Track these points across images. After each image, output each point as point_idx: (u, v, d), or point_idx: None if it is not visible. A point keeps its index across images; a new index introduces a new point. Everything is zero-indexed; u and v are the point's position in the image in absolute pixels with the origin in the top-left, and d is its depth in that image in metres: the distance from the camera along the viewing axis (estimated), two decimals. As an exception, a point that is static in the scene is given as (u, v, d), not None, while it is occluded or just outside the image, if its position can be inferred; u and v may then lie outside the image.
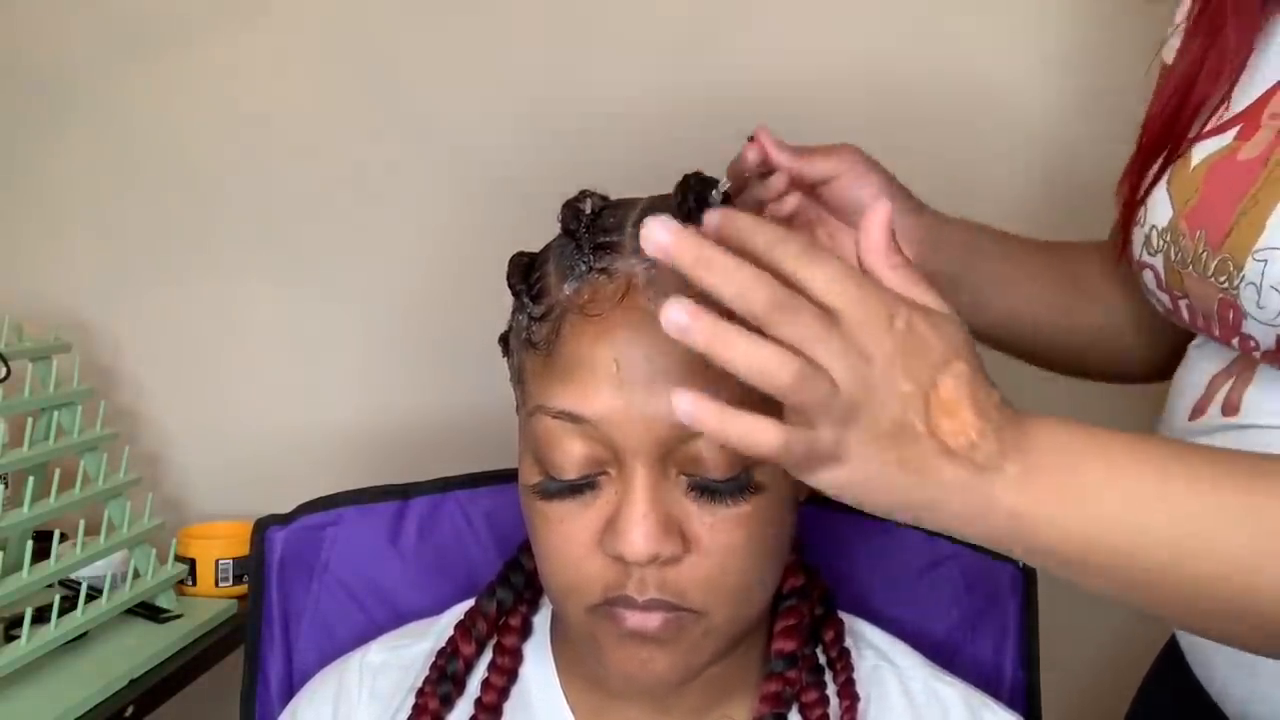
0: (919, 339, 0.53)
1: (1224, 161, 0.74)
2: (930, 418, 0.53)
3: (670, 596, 0.65)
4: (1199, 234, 0.73)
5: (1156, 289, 0.80)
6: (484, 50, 1.42)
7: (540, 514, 0.68)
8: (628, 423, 0.64)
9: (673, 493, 0.65)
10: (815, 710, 0.74)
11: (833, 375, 0.51)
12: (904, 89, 1.34)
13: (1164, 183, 0.78)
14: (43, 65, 1.51)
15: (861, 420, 0.52)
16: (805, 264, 0.52)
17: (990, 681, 0.88)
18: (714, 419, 0.50)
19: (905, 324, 0.53)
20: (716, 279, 0.50)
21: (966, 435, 0.53)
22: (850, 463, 0.52)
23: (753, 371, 0.50)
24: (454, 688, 0.77)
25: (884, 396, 0.52)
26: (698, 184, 0.71)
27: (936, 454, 0.53)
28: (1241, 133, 0.74)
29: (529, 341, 0.68)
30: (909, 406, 0.52)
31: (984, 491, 0.53)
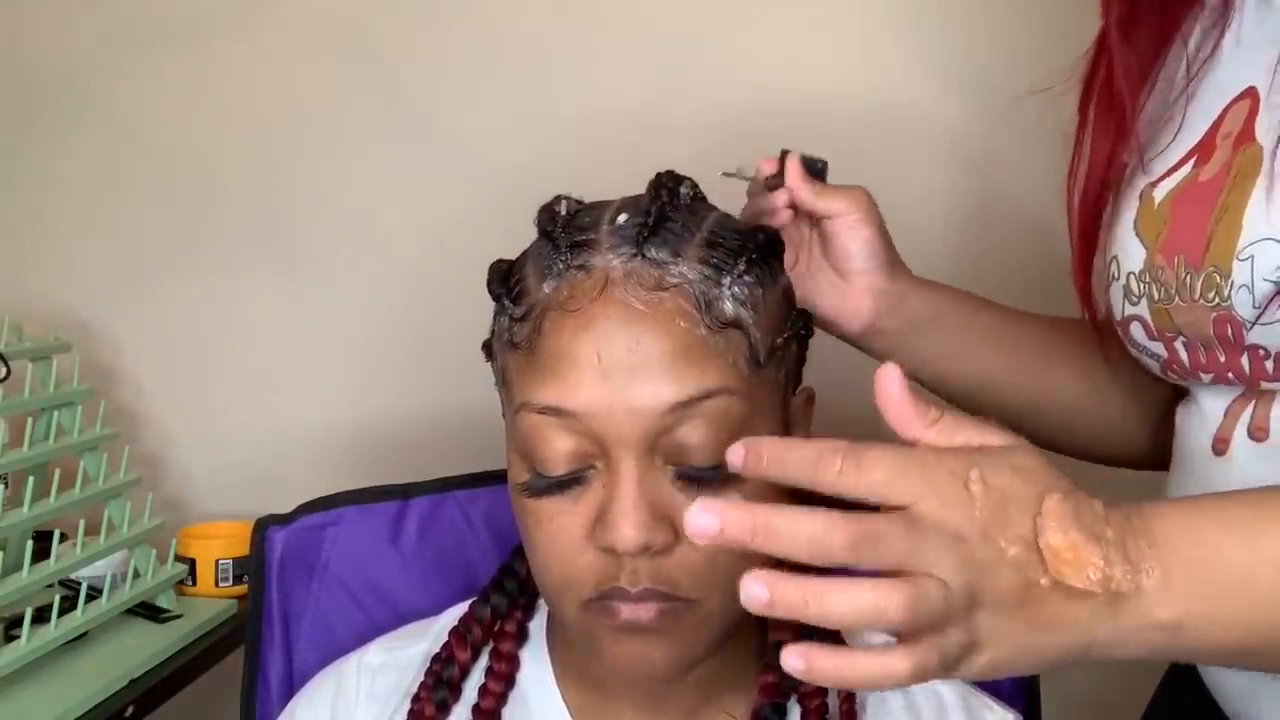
0: (1001, 491, 0.50)
1: (1187, 188, 0.73)
2: (1052, 569, 0.50)
3: (663, 586, 0.66)
4: (1177, 259, 0.72)
5: (1148, 340, 0.77)
6: (484, 51, 1.42)
7: (530, 512, 0.68)
8: (612, 414, 0.64)
9: (660, 482, 0.66)
10: (814, 700, 0.74)
11: (939, 576, 0.48)
12: (899, 90, 1.34)
13: (1129, 228, 0.77)
14: (43, 66, 1.51)
15: (983, 601, 0.49)
16: (855, 473, 0.49)
17: (990, 681, 0.88)
18: (834, 670, 0.47)
19: (980, 484, 0.50)
20: (784, 543, 0.48)
21: (1094, 567, 0.50)
22: (989, 647, 0.50)
23: (861, 619, 0.47)
24: (450, 694, 0.77)
25: (995, 568, 0.49)
26: (669, 180, 0.72)
27: (1069, 598, 0.50)
28: (1198, 160, 0.74)
29: (511, 342, 0.69)
30: (1024, 566, 0.49)
31: (1131, 616, 0.51)
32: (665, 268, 0.66)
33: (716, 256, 0.68)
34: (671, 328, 0.65)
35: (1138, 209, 0.77)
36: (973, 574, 0.49)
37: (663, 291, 0.66)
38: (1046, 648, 0.51)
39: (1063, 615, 0.50)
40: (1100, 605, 0.50)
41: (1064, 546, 0.50)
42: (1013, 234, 1.33)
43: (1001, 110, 1.32)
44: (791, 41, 1.36)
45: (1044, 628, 0.50)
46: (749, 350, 0.67)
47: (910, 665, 0.48)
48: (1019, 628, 0.50)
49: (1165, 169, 0.76)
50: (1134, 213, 0.77)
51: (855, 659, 0.48)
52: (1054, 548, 0.50)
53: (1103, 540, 0.50)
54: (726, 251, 0.69)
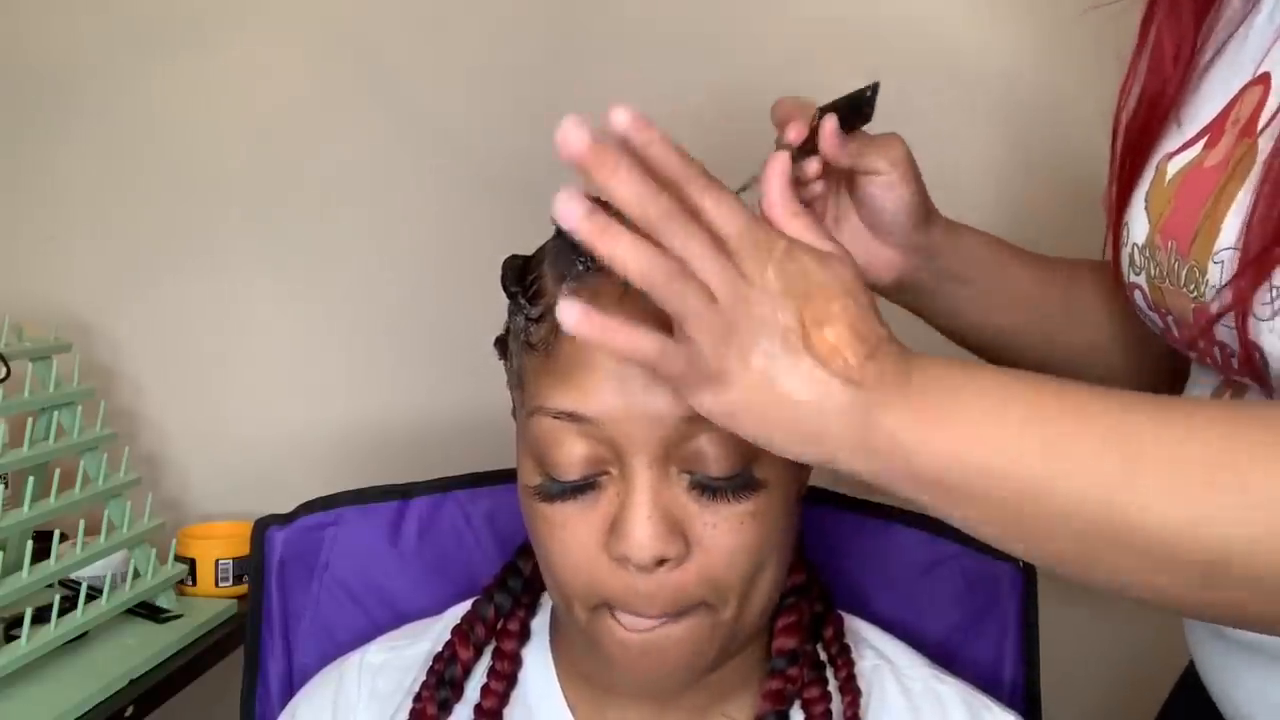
0: (801, 267, 0.55)
1: (1194, 171, 0.73)
2: (808, 336, 0.54)
3: (676, 596, 0.65)
4: (1170, 245, 0.73)
5: (1147, 309, 0.78)
6: (484, 50, 1.42)
7: (542, 517, 0.68)
8: (629, 421, 0.64)
9: (674, 492, 0.65)
10: (818, 706, 0.74)
11: (711, 289, 0.53)
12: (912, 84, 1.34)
13: (1140, 199, 0.77)
14: (43, 66, 1.51)
15: (739, 338, 0.53)
16: (703, 192, 0.54)
17: (990, 682, 0.88)
18: (596, 328, 0.52)
19: (784, 253, 0.55)
20: (616, 183, 0.52)
21: (843, 355, 0.54)
22: (731, 384, 0.54)
23: (632, 266, 0.52)
24: (452, 693, 0.77)
25: (761, 314, 0.54)
26: None
27: (814, 373, 0.54)
28: (1208, 142, 0.73)
29: (527, 343, 0.68)
30: (786, 326, 0.54)
31: (863, 413, 0.54)
32: None
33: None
34: None
35: (1151, 180, 0.77)
36: (739, 307, 0.53)
37: None
38: (780, 413, 0.55)
39: (804, 382, 0.54)
40: (838, 391, 0.54)
41: (828, 323, 0.55)
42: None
43: (989, 85, 1.32)
44: (792, 41, 1.36)
45: (783, 389, 0.54)
46: None
47: (657, 345, 0.53)
48: (760, 379, 0.54)
49: (1182, 142, 0.75)
50: (1148, 183, 0.77)
51: (617, 326, 0.52)
52: (819, 322, 0.54)
53: (865, 341, 0.55)
54: None
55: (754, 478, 0.66)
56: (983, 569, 0.91)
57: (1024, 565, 0.90)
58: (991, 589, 0.91)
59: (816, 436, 0.55)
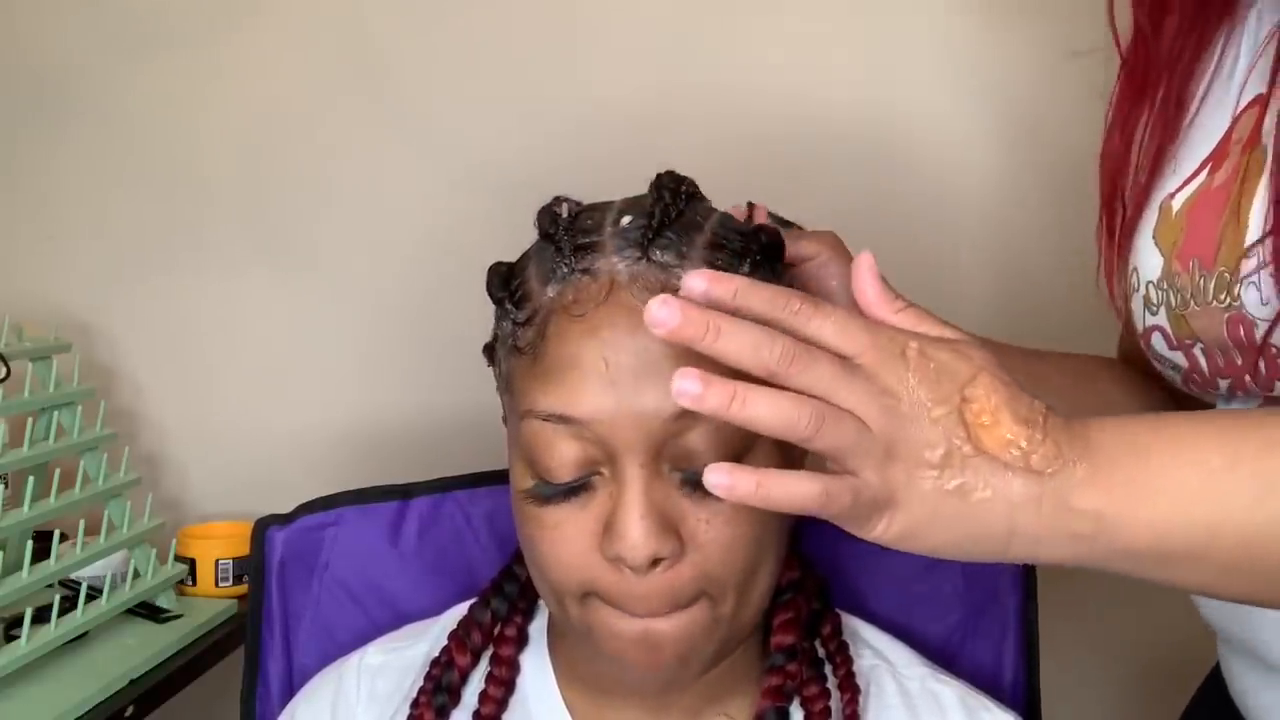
0: (939, 364, 0.52)
1: (1201, 194, 0.74)
2: (973, 435, 0.51)
3: (671, 594, 0.65)
4: (1192, 263, 0.72)
5: (1168, 351, 0.77)
6: (483, 50, 1.42)
7: (534, 519, 0.68)
8: (619, 421, 0.64)
9: (667, 489, 0.65)
10: (817, 704, 0.74)
11: (860, 416, 0.50)
12: (899, 90, 1.34)
13: (1148, 238, 0.77)
14: (42, 65, 1.51)
15: (902, 455, 0.51)
16: (809, 317, 0.52)
17: (990, 682, 0.88)
18: (751, 485, 0.49)
19: (918, 353, 0.52)
20: (725, 343, 0.50)
21: (1016, 444, 0.52)
22: (904, 504, 0.51)
23: (776, 422, 0.50)
24: (449, 699, 0.77)
25: (918, 426, 0.51)
26: (670, 181, 0.71)
27: (992, 472, 0.51)
28: (1211, 168, 0.74)
29: (515, 347, 0.68)
30: (948, 430, 0.51)
31: (1055, 498, 0.52)
32: (670, 271, 0.66)
33: (721, 259, 0.67)
34: None
35: (1157, 220, 0.77)
36: (894, 426, 0.51)
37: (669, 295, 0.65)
38: (963, 519, 0.51)
39: (982, 485, 0.51)
40: (1026, 481, 0.51)
41: (987, 415, 0.52)
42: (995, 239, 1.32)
43: (1006, 107, 1.32)
44: (792, 39, 1.36)
45: (961, 495, 0.51)
46: None
47: (819, 487, 0.50)
48: (935, 491, 0.51)
49: (1182, 180, 0.76)
50: (1153, 224, 0.77)
51: (771, 476, 0.50)
52: (977, 415, 0.52)
53: (1031, 424, 0.52)
54: (731, 253, 0.68)
55: None
56: (982, 569, 0.91)
57: (1024, 565, 0.90)
58: (991, 589, 0.91)
59: (1008, 535, 0.52)
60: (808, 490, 0.50)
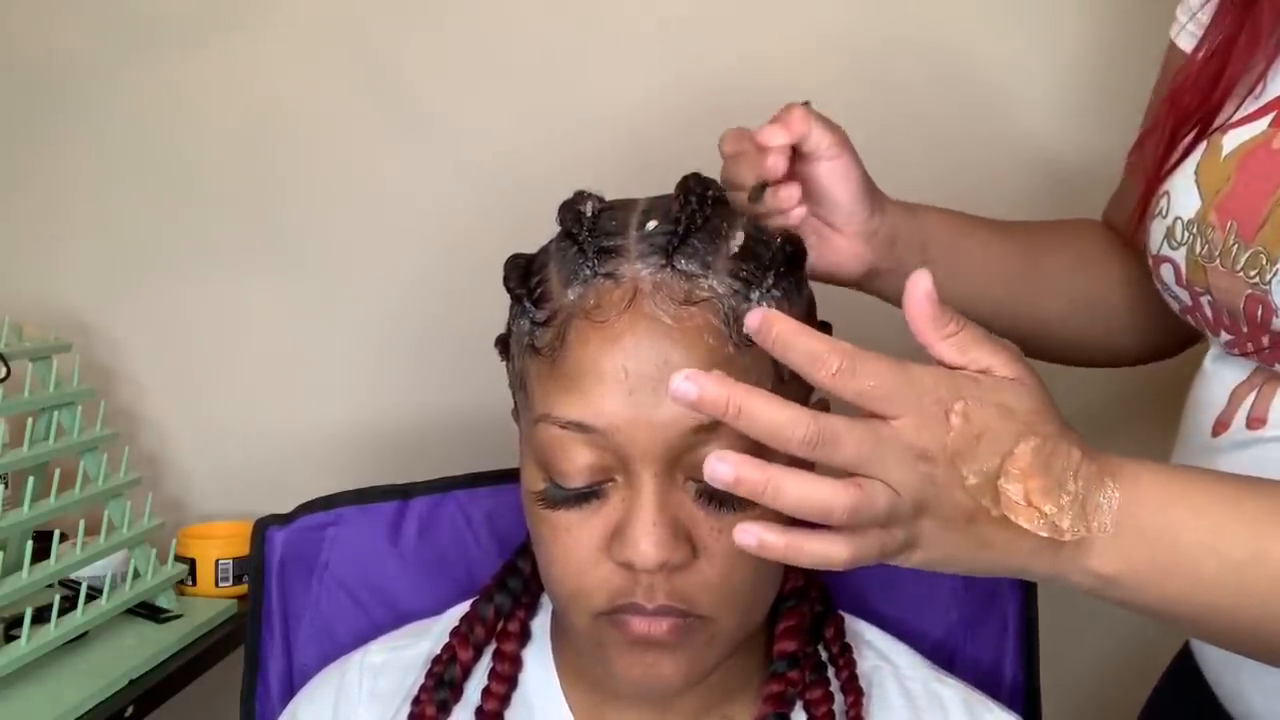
0: (980, 426, 0.53)
1: (1258, 150, 0.71)
2: (1004, 504, 0.53)
3: (678, 603, 0.65)
4: (1230, 225, 0.71)
5: (1175, 284, 0.77)
6: (483, 50, 1.42)
7: (546, 522, 0.67)
8: (636, 431, 0.63)
9: (680, 498, 0.65)
10: (821, 707, 0.74)
11: (891, 485, 0.52)
12: (900, 85, 1.34)
13: (1190, 172, 0.75)
14: (43, 65, 1.51)
15: (930, 513, 0.53)
16: (849, 376, 0.52)
17: (990, 682, 0.88)
18: (780, 546, 0.51)
19: (963, 416, 0.53)
20: (751, 423, 0.51)
21: (1038, 511, 0.53)
22: (925, 549, 0.54)
23: (808, 511, 0.51)
24: (451, 694, 0.77)
25: (951, 491, 0.52)
26: (697, 185, 0.71)
27: (1013, 534, 0.53)
28: (1276, 120, 0.72)
29: (532, 347, 0.67)
30: (978, 495, 0.53)
31: (1069, 561, 0.54)
32: (695, 281, 0.65)
33: (746, 270, 0.67)
34: (699, 344, 0.64)
35: (1203, 153, 0.75)
36: (927, 491, 0.52)
37: (692, 306, 0.64)
38: (978, 562, 0.55)
39: (1002, 542, 0.54)
40: (1042, 545, 0.54)
41: (1019, 493, 0.53)
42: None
43: (1001, 101, 1.32)
44: (793, 40, 1.36)
45: (982, 546, 0.54)
46: (774, 367, 0.66)
47: (850, 552, 0.52)
48: (957, 539, 0.54)
49: (1241, 116, 0.74)
50: (1198, 156, 0.75)
51: (801, 539, 0.52)
52: (1010, 492, 0.53)
53: (1063, 492, 0.53)
54: (756, 264, 0.67)
55: None
56: (983, 569, 0.91)
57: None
58: (991, 588, 0.91)
59: (1020, 572, 0.56)
60: (837, 554, 0.52)
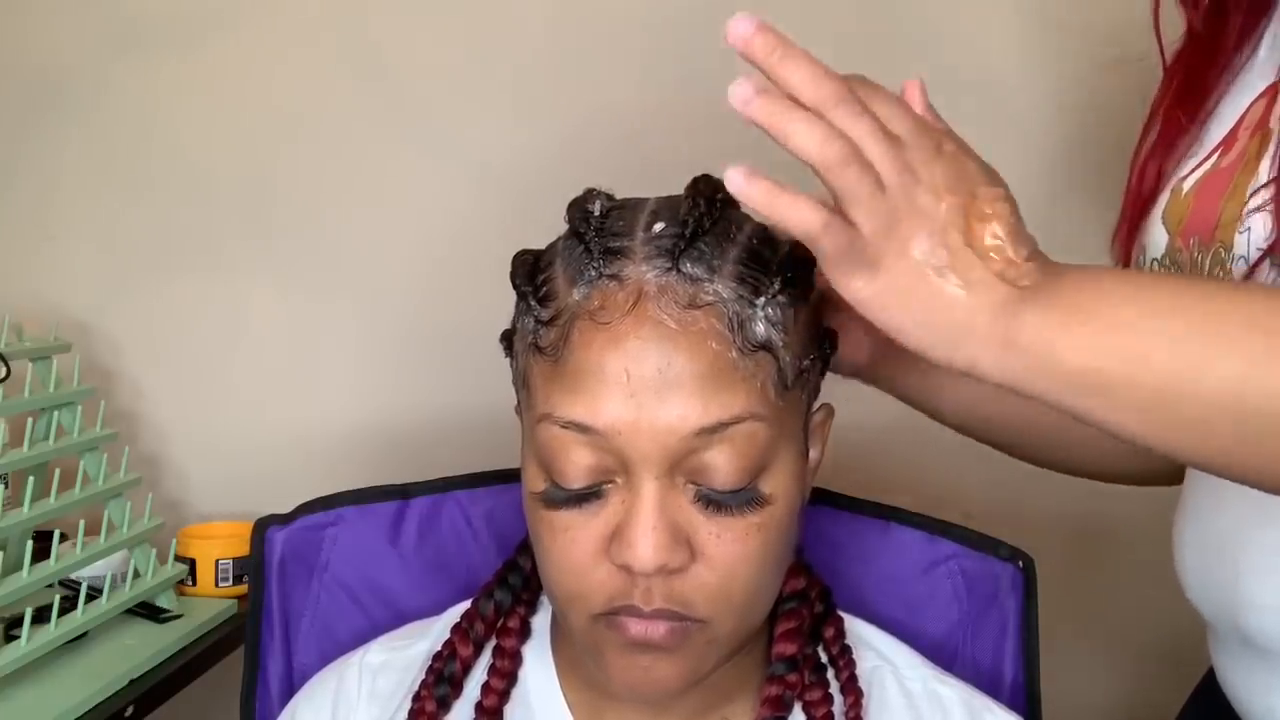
0: (964, 165, 0.56)
1: (1209, 175, 0.76)
2: (970, 232, 0.55)
3: (676, 606, 0.65)
4: (1193, 241, 0.74)
5: None
6: (485, 51, 1.42)
7: (545, 521, 0.67)
8: (638, 434, 0.63)
9: (679, 502, 0.65)
10: (820, 708, 0.74)
11: (881, 175, 0.54)
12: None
13: (1158, 220, 0.79)
14: (42, 65, 1.51)
15: (901, 227, 0.54)
16: (871, 93, 0.56)
17: (990, 682, 0.88)
18: (762, 194, 0.52)
19: (953, 151, 0.56)
20: (789, 66, 0.53)
21: (1005, 254, 0.55)
22: (888, 269, 0.55)
23: (806, 146, 0.52)
24: (451, 690, 0.77)
25: (925, 208, 0.55)
26: (706, 187, 0.71)
27: (972, 266, 0.55)
28: (1222, 151, 0.76)
29: (535, 346, 0.67)
30: (950, 219, 0.55)
31: (1015, 309, 0.55)
32: (700, 285, 0.65)
33: (752, 275, 0.66)
34: (703, 349, 0.64)
35: (1168, 202, 0.79)
36: (904, 200, 0.54)
37: (696, 310, 0.64)
38: (931, 303, 0.55)
39: (958, 270, 0.55)
40: (992, 287, 0.55)
41: (991, 219, 0.55)
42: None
43: (994, 107, 1.32)
44: (792, 37, 1.36)
45: (940, 278, 0.55)
46: (777, 374, 0.65)
47: (822, 217, 0.53)
48: (918, 267, 0.55)
49: (1194, 164, 0.78)
50: (1164, 205, 0.80)
51: (783, 192, 0.53)
52: (983, 216, 0.55)
53: (1021, 243, 0.56)
54: (762, 269, 0.67)
55: (760, 493, 0.66)
56: (982, 569, 0.91)
57: (1024, 565, 0.90)
58: (991, 589, 0.91)
59: (961, 333, 0.56)
60: (812, 216, 0.53)
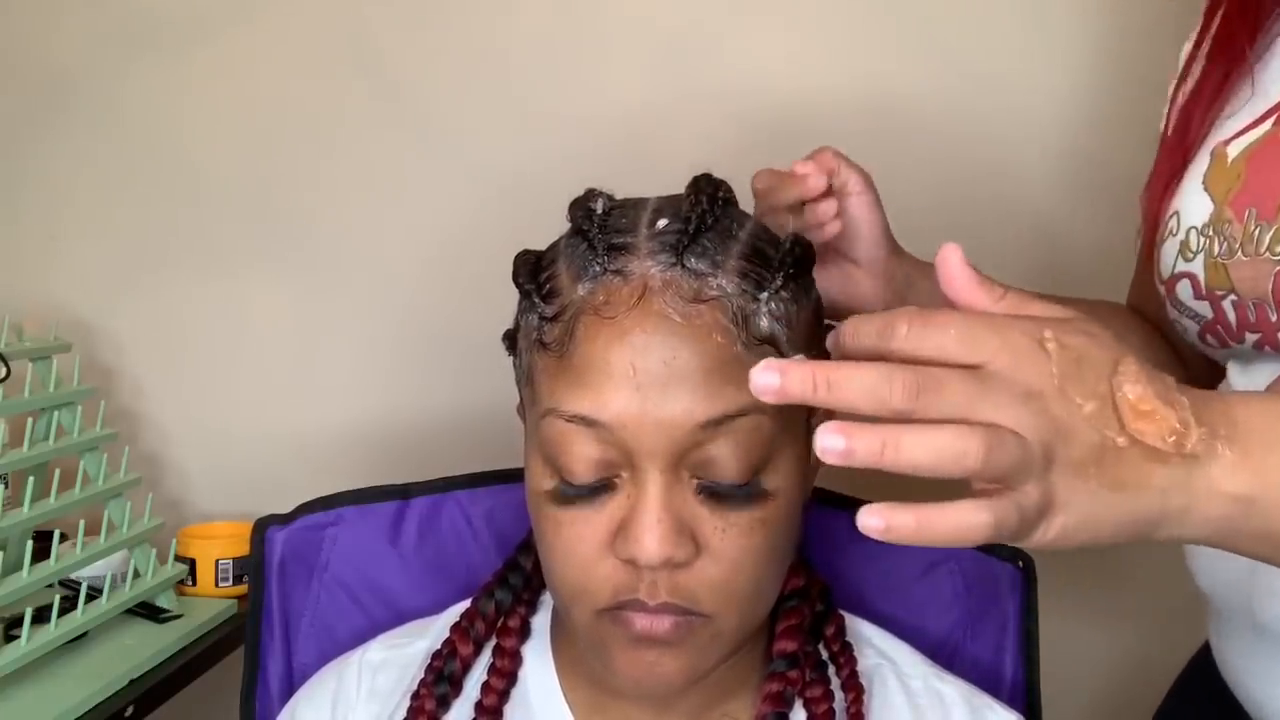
0: (1076, 351, 0.50)
1: (1266, 145, 0.73)
2: (1126, 426, 0.50)
3: (681, 600, 0.65)
4: (1249, 213, 0.72)
5: (1193, 300, 0.77)
6: (484, 50, 1.42)
7: (550, 516, 0.68)
8: (643, 427, 0.63)
9: (684, 495, 0.65)
10: (821, 705, 0.74)
11: (1012, 428, 0.47)
12: (902, 95, 1.34)
13: (1197, 183, 0.77)
14: (43, 64, 1.51)
15: (1059, 457, 0.48)
16: (924, 333, 0.49)
17: (990, 681, 0.88)
18: (911, 527, 0.46)
19: (1056, 343, 0.49)
20: (843, 393, 0.47)
21: (1171, 429, 0.50)
22: (1065, 507, 0.49)
23: (939, 462, 0.46)
24: (451, 689, 0.77)
25: (1071, 424, 0.49)
26: (708, 185, 0.71)
27: (1145, 460, 0.50)
28: (1278, 119, 0.73)
29: (540, 342, 0.68)
30: (1100, 423, 0.49)
31: (1204, 482, 0.51)
32: (704, 279, 0.65)
33: (755, 270, 0.67)
34: (708, 343, 0.64)
35: (1208, 166, 0.76)
36: (1048, 429, 0.48)
37: (700, 304, 0.65)
38: (1119, 511, 0.50)
39: (1137, 476, 0.50)
40: (1175, 469, 0.50)
41: (1141, 401, 0.49)
42: (1018, 233, 1.32)
43: (1008, 105, 1.32)
44: (793, 38, 1.36)
45: (1118, 488, 0.49)
46: None
47: (990, 516, 0.47)
48: (1093, 488, 0.49)
49: (1239, 128, 0.76)
50: (1204, 169, 0.77)
51: (934, 512, 0.46)
52: (1132, 403, 0.49)
53: (1179, 405, 0.50)
54: (765, 265, 0.68)
55: (763, 487, 0.66)
56: (982, 569, 0.91)
57: (1024, 565, 0.90)
58: (991, 589, 0.91)
59: (1160, 519, 0.51)
60: (977, 522, 0.47)
